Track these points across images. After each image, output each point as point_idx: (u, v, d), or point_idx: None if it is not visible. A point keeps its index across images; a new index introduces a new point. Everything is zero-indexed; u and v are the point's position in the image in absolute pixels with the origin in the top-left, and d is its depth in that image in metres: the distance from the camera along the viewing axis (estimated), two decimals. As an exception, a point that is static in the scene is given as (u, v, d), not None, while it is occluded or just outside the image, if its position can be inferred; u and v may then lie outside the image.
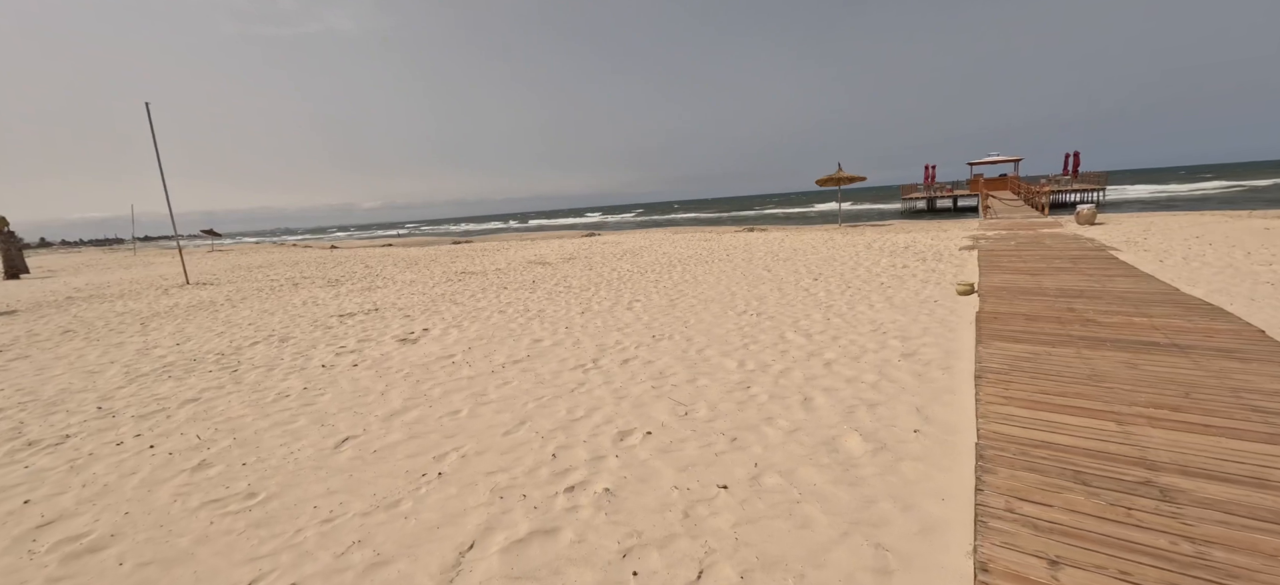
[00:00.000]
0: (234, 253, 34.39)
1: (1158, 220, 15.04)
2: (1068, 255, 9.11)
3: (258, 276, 16.07)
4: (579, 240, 24.14)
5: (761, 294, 7.97)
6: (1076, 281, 6.80)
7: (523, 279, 11.45)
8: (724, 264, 11.81)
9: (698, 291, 8.55)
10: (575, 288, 9.76)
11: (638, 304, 7.85)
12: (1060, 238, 11.77)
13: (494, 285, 10.75)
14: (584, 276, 11.20)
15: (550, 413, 3.87)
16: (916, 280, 8.27)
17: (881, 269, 9.55)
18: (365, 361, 5.63)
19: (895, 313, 6.25)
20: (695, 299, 7.94)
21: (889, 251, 11.93)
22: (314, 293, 11.40)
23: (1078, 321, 4.95)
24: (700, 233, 23.82)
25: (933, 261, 9.99)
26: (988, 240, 12.25)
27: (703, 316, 6.72)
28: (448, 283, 11.61)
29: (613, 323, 6.72)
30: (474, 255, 19.24)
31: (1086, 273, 7.40)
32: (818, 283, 8.63)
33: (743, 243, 16.56)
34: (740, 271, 10.43)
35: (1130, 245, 10.59)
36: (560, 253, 17.60)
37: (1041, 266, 8.13)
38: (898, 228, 18.82)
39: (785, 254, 12.82)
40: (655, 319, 6.76)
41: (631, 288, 9.35)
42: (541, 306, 8.10)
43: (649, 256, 14.35)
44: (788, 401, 3.76)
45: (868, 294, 7.43)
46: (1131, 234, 12.39)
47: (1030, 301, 5.87)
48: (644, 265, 12.46)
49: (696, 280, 9.70)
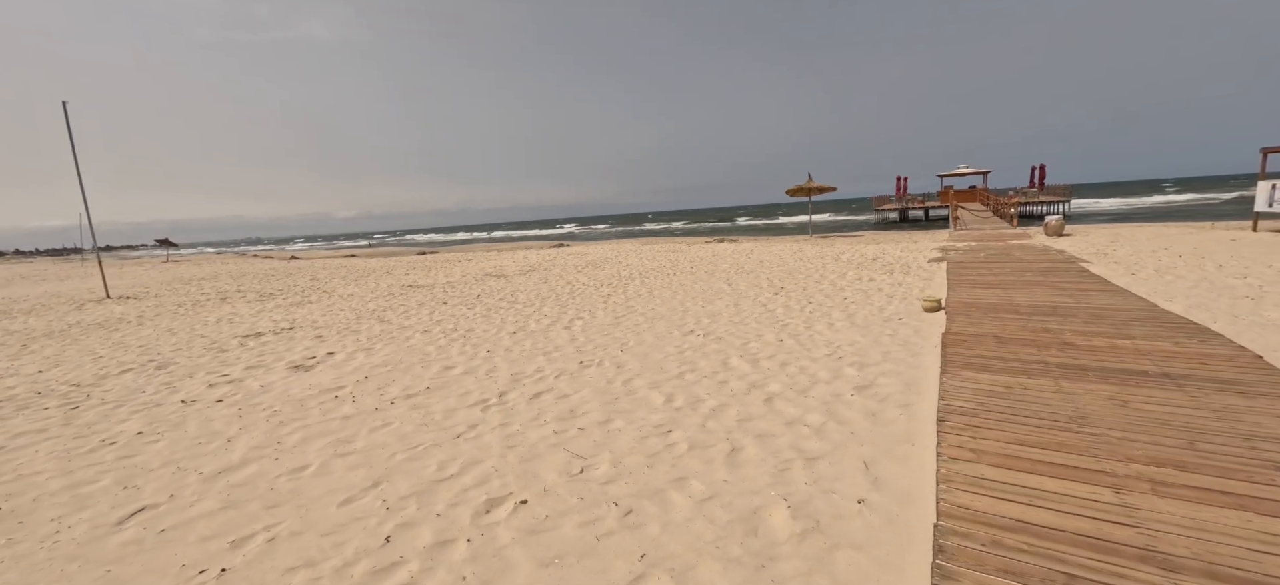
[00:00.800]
0: (187, 263, 32.57)
1: (1124, 231, 14.91)
2: (1038, 267, 8.66)
3: (191, 290, 14.85)
4: (546, 251, 23.29)
5: (715, 311, 7.29)
6: (1049, 296, 6.27)
7: (468, 293, 10.60)
8: (686, 276, 11.15)
9: (649, 307, 7.84)
10: (520, 303, 8.97)
11: (579, 322, 7.10)
12: (1029, 249, 11.41)
13: (434, 301, 9.88)
14: (535, 290, 10.40)
15: (415, 470, 3.08)
16: (882, 295, 7.69)
17: (846, 282, 8.98)
18: (237, 395, 4.74)
19: (855, 332, 5.61)
20: (643, 316, 7.22)
21: (856, 263, 11.41)
22: (237, 308, 10.36)
23: (1054, 344, 4.35)
24: (671, 243, 23.20)
25: (900, 274, 9.47)
26: (957, 251, 11.84)
27: (645, 338, 5.99)
28: (387, 298, 10.69)
29: (543, 345, 5.94)
30: (431, 267, 18.26)
31: (1059, 286, 6.90)
32: (778, 298, 7.99)
33: (710, 254, 15.96)
34: (700, 285, 9.76)
35: (1100, 256, 10.24)
36: (521, 264, 16.76)
37: (1012, 280, 7.63)
38: (868, 239, 18.46)
39: (751, 266, 12.22)
40: (592, 340, 6.01)
41: (580, 303, 8.59)
42: (473, 325, 7.28)
43: (611, 269, 13.62)
44: (711, 453, 3.03)
45: (828, 311, 6.79)
46: (1100, 245, 12.12)
47: (1001, 320, 5.28)
48: (602, 278, 11.71)
49: (651, 294, 8.99)
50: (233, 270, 22.75)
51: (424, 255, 28.78)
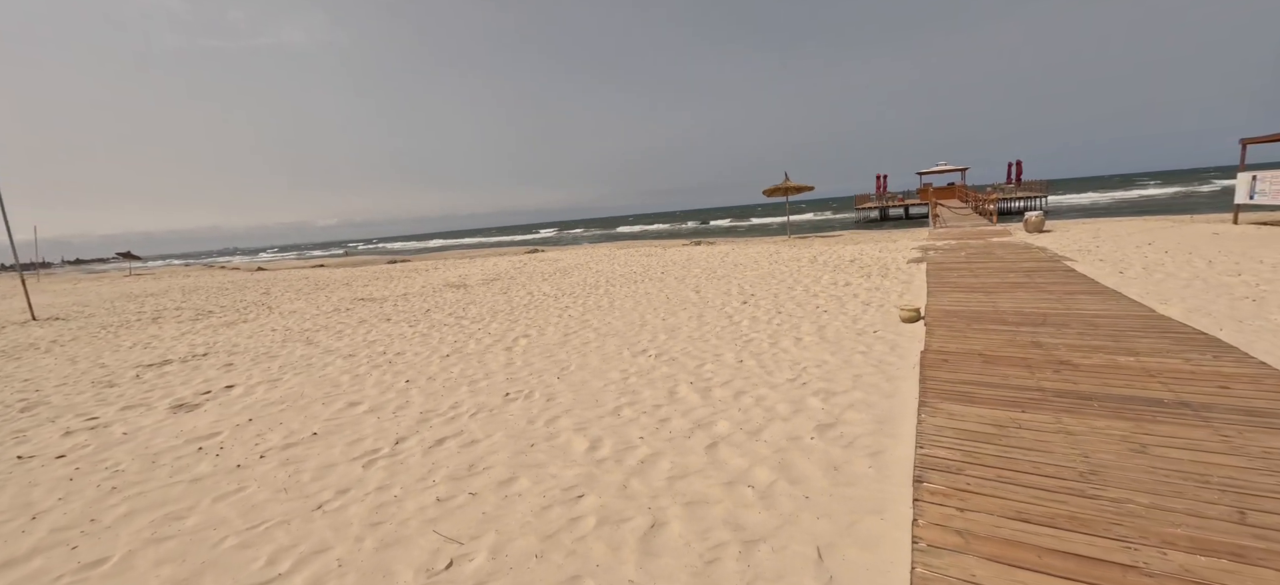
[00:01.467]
0: (147, 277, 31.06)
1: (1104, 227, 14.60)
2: (1021, 267, 8.14)
3: (129, 308, 13.77)
4: (518, 258, 22.48)
5: (676, 324, 6.62)
6: (1037, 301, 5.71)
7: (419, 308, 9.81)
8: (655, 283, 10.48)
9: (605, 321, 7.14)
10: (469, 318, 8.21)
11: (524, 340, 6.37)
12: (1011, 247, 10.95)
13: (379, 316, 9.07)
14: (491, 303, 9.65)
15: (236, 566, 2.34)
16: (857, 302, 7.09)
17: (821, 287, 8.38)
18: (87, 448, 3.93)
19: (825, 350, 4.96)
20: (596, 332, 6.53)
21: (833, 266, 10.85)
22: (164, 330, 9.44)
23: (1049, 364, 3.74)
24: (648, 247, 22.56)
25: (877, 277, 8.90)
26: (937, 251, 11.34)
27: (590, 360, 5.29)
28: (330, 314, 9.85)
29: (474, 371, 5.21)
30: (395, 278, 17.36)
31: (1046, 289, 6.36)
32: (746, 307, 7.35)
33: (684, 258, 15.32)
34: (666, 293, 9.09)
35: (1084, 254, 9.80)
36: (488, 273, 15.96)
37: (995, 282, 7.08)
38: (847, 239, 17.99)
39: (724, 270, 11.59)
40: (530, 364, 5.29)
41: (533, 316, 7.87)
42: (407, 347, 6.52)
43: (578, 276, 12.90)
44: (623, 532, 2.34)
45: (798, 323, 6.16)
46: (1082, 241, 11.72)
47: (986, 333, 4.68)
48: (565, 287, 11.00)
49: (612, 305, 8.30)
50: (187, 285, 21.57)
51: (394, 264, 27.78)
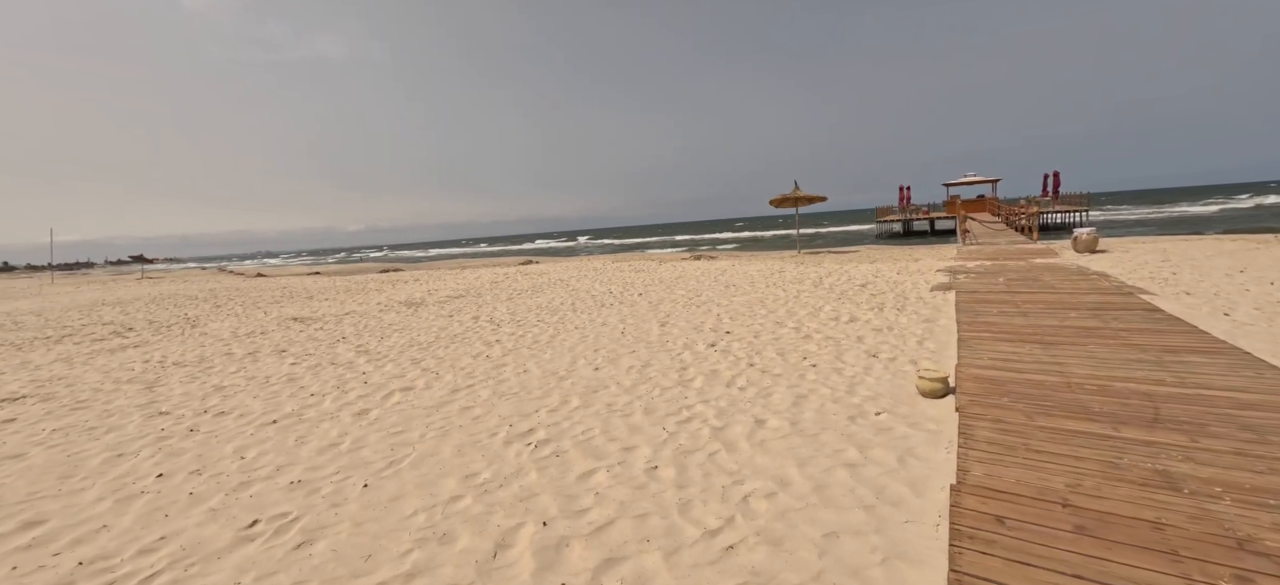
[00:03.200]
0: (146, 281, 30.47)
1: (1172, 247, 12.35)
2: (1084, 302, 6.19)
3: (74, 319, 12.45)
4: (506, 270, 20.94)
5: (606, 380, 4.86)
6: (1126, 363, 3.81)
7: (334, 335, 8.24)
8: (624, 308, 8.75)
9: (522, 368, 5.42)
10: (373, 352, 6.59)
11: (398, 397, 4.68)
12: (1062, 272, 8.92)
13: (272, 348, 7.51)
14: (420, 330, 8.03)
15: None
16: (860, 350, 5.24)
17: (819, 325, 6.53)
18: None
19: (790, 455, 3.14)
20: (494, 389, 4.80)
21: (840, 292, 8.96)
22: (68, 349, 8.02)
23: (1214, 535, 1.90)
24: (645, 260, 20.80)
25: (892, 310, 7.00)
26: (968, 274, 9.36)
27: (443, 449, 3.56)
28: (232, 340, 8.33)
29: (267, 462, 3.52)
30: (363, 291, 15.94)
31: (1131, 340, 4.43)
32: (712, 351, 5.56)
33: (674, 275, 13.55)
34: (627, 325, 7.35)
35: (1161, 284, 7.74)
36: (460, 288, 14.40)
37: (1053, 325, 5.17)
38: (863, 256, 15.97)
39: (712, 293, 9.79)
40: (360, 449, 3.59)
41: (444, 354, 6.18)
42: (246, 402, 4.88)
43: (545, 297, 11.24)
44: None
45: (768, 391, 4.33)
46: (1150, 265, 9.60)
47: (1065, 437, 2.82)
48: (518, 311, 9.33)
49: (549, 342, 6.58)
50: (161, 292, 20.51)
51: (385, 273, 26.63)
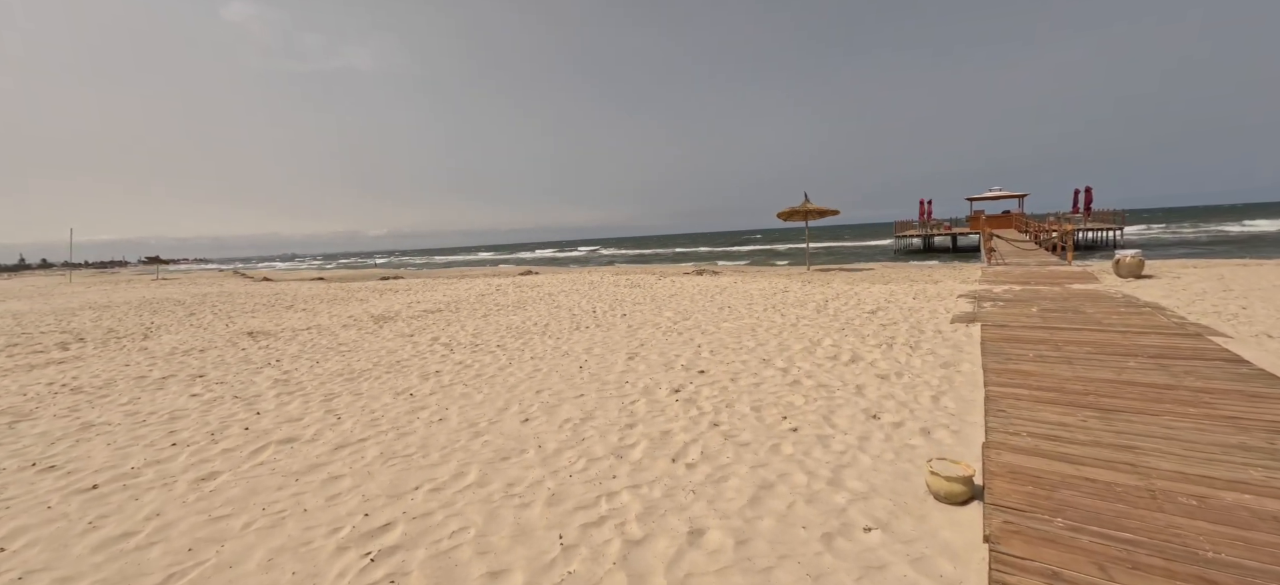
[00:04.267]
0: (156, 284, 30.32)
1: (1230, 273, 10.95)
2: (1141, 344, 5.02)
3: (56, 325, 11.95)
4: (497, 281, 20.08)
5: (530, 438, 3.86)
6: (1223, 447, 2.69)
7: (284, 350, 7.41)
8: (598, 333, 7.77)
9: (438, 416, 4.43)
10: (294, 387, 5.69)
11: (274, 450, 3.75)
12: (1106, 303, 7.69)
13: (205, 367, 6.67)
14: (372, 351, 7.13)
15: None
16: (858, 408, 4.15)
17: (811, 367, 5.44)
18: None
19: None
20: (383, 449, 3.84)
21: (845, 320, 7.85)
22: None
23: None
24: (645, 274, 19.77)
25: (904, 350, 5.88)
26: (996, 302, 8.17)
27: (252, 554, 2.61)
28: (181, 355, 7.53)
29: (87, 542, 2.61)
30: (344, 300, 15.19)
31: (1217, 408, 3.29)
32: (676, 399, 4.52)
33: (669, 293, 12.52)
34: (596, 355, 6.36)
35: (1229, 321, 6.49)
36: (442, 301, 13.54)
37: (1107, 378, 4.03)
38: (877, 275, 14.75)
39: (701, 317, 8.74)
40: (168, 525, 2.66)
41: (362, 391, 5.25)
42: (92, 456, 3.98)
43: (521, 315, 10.29)
44: None
45: (726, 472, 3.28)
46: (1210, 296, 8.30)
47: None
48: (482, 334, 8.38)
49: (494, 377, 5.61)
50: (158, 297, 20.00)
51: (387, 280, 26.08)
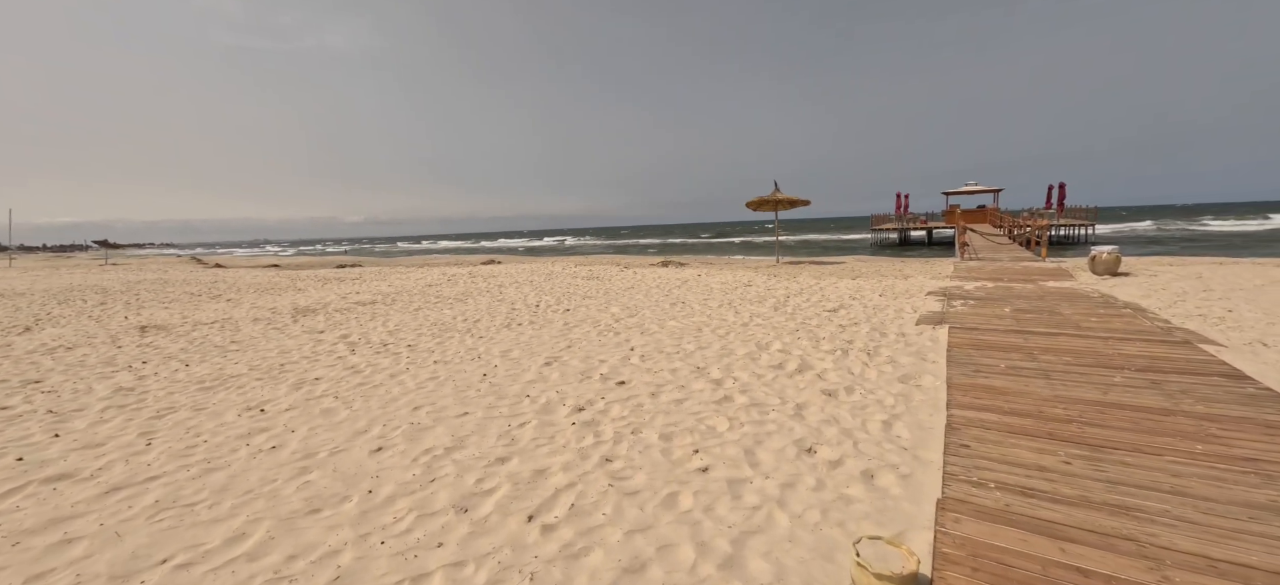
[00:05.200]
0: (98, 270, 28.35)
1: (1208, 272, 10.50)
2: (1126, 354, 4.32)
3: None
4: (455, 270, 18.99)
5: (366, 476, 2.98)
6: (1247, 509, 1.96)
7: (167, 350, 6.38)
8: (526, 332, 6.89)
9: (253, 456, 3.55)
10: (140, 391, 4.71)
11: (47, 484, 2.83)
12: (1083, 302, 7.07)
13: (47, 371, 5.63)
14: (268, 350, 6.14)
15: None
16: (791, 440, 3.35)
17: (749, 379, 4.64)
18: None
19: None
20: (171, 491, 2.95)
21: (803, 319, 7.10)
22: None
23: None
24: (610, 264, 18.87)
25: (861, 357, 5.11)
26: (967, 300, 7.51)
27: None
28: (39, 357, 6.45)
29: None
30: (280, 290, 13.98)
31: (1229, 443, 2.56)
32: (571, 426, 3.69)
33: (626, 285, 11.67)
34: (504, 361, 5.49)
35: (1216, 325, 5.89)
36: (387, 290, 12.47)
37: (1092, 400, 3.31)
38: (848, 268, 14.11)
39: (649, 313, 7.92)
40: None
41: (226, 400, 4.31)
42: None
43: (461, 308, 9.35)
44: None
45: (592, 540, 2.45)
46: (1191, 296, 7.75)
47: None
48: (408, 328, 7.44)
49: (377, 388, 4.70)
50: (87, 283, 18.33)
51: (343, 268, 24.77)
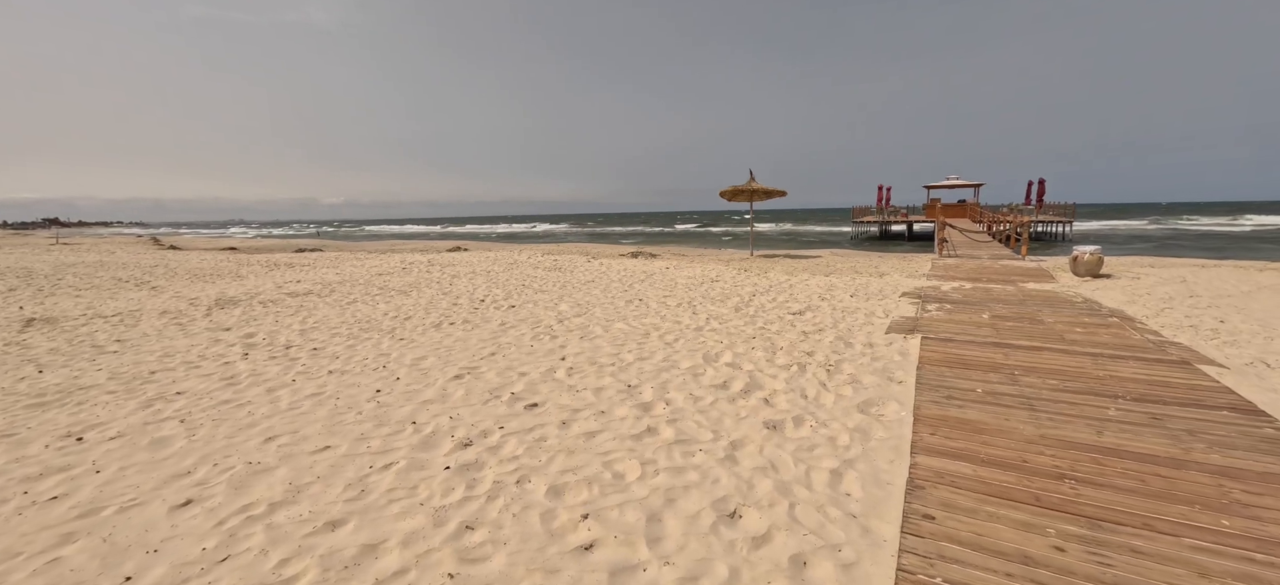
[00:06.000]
0: (42, 250, 26.57)
1: (1191, 275, 10.07)
2: (1119, 378, 3.70)
3: None
4: (416, 257, 17.97)
5: (169, 550, 2.22)
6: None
7: (39, 348, 5.44)
8: (456, 333, 6.11)
9: (30, 506, 2.75)
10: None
11: None
12: (1067, 309, 6.51)
13: None
14: (154, 351, 5.25)
15: None
16: (708, 505, 2.65)
17: (685, 402, 3.93)
18: None
19: None
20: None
21: (763, 324, 6.42)
22: None
23: None
24: (580, 253, 18.03)
25: (819, 375, 4.43)
26: (943, 302, 6.90)
27: None
28: None
29: None
30: (222, 276, 12.88)
31: (1260, 517, 1.94)
32: (444, 470, 2.95)
33: (586, 278, 10.89)
34: (412, 374, 4.70)
35: (1210, 339, 5.34)
36: (334, 278, 11.49)
37: (1085, 440, 2.66)
38: (824, 264, 13.50)
39: (599, 313, 7.18)
40: None
41: (55, 420, 3.48)
42: None
43: (403, 301, 8.50)
44: None
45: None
46: (1178, 302, 7.25)
47: None
48: (325, 328, 6.60)
49: (240, 408, 3.90)
50: (10, 265, 17.12)
51: (301, 252, 23.58)
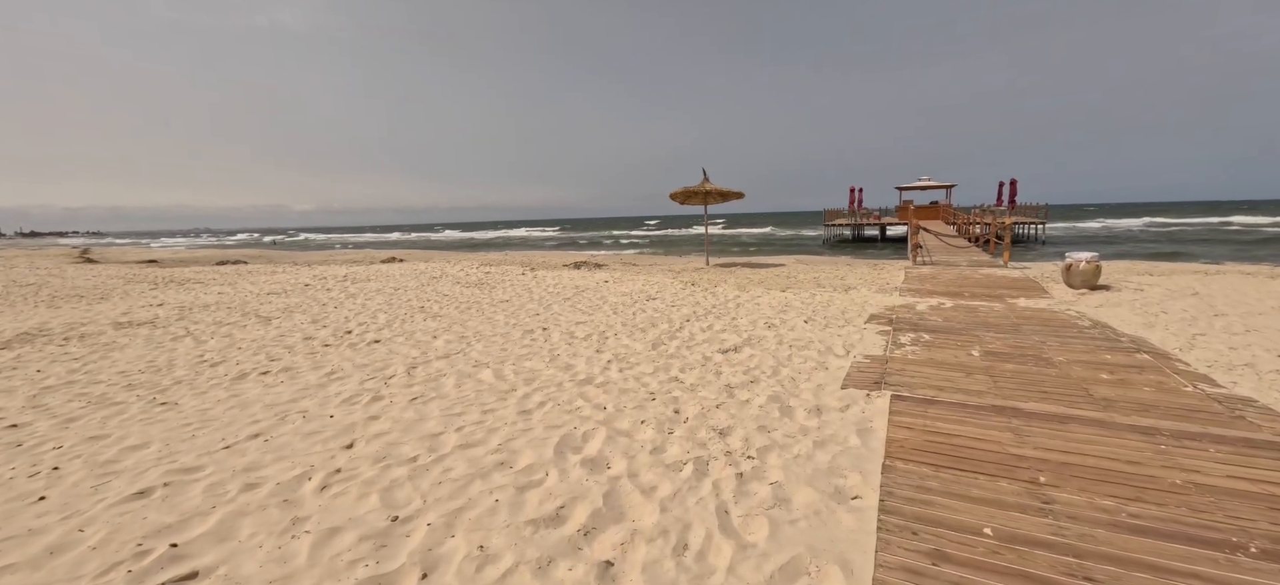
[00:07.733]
0: None
1: (1197, 283, 8.84)
2: (1206, 488, 2.19)
3: None
4: (344, 269, 16.00)
5: None
6: None
7: None
8: (275, 382, 4.38)
9: None
10: None
11: None
12: (1076, 338, 5.06)
13: None
14: None
15: None
16: None
17: (515, 526, 2.33)
18: None
19: None
20: None
21: (682, 366, 4.83)
22: None
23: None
24: (520, 263, 16.28)
25: (732, 474, 2.88)
26: (920, 329, 5.41)
27: None
28: None
29: None
30: (103, 295, 10.84)
31: None
32: None
33: (506, 295, 9.20)
34: (149, 456, 2.99)
35: (1267, 379, 3.96)
36: (207, 300, 9.58)
37: None
38: (785, 273, 12.03)
39: (489, 348, 5.53)
40: None
41: None
42: None
43: (265, 330, 6.71)
44: None
45: None
46: (1200, 322, 5.89)
47: None
48: (117, 370, 4.81)
49: None
50: None
51: (223, 264, 21.33)
